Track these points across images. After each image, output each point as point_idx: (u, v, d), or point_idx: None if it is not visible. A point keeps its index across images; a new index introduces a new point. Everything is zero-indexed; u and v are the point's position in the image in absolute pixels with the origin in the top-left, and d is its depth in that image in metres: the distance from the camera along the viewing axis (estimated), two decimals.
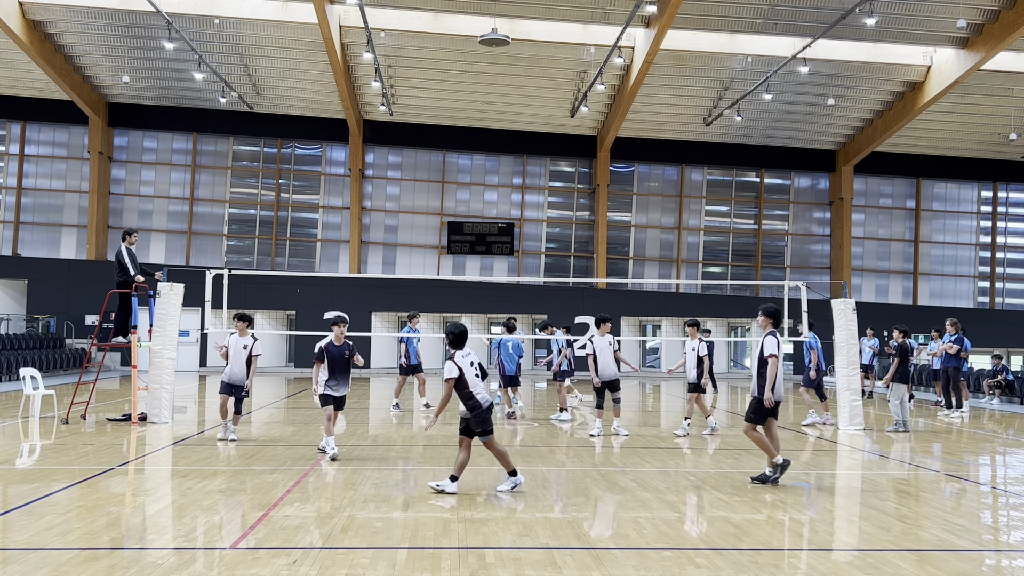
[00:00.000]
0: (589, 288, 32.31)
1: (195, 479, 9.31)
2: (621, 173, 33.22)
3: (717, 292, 33.66)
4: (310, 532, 7.04)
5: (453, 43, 26.10)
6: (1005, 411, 19.68)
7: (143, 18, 24.97)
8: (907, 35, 25.11)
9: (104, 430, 13.34)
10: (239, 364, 12.08)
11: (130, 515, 7.74)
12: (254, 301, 29.43)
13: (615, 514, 7.94)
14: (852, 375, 14.85)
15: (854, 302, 15.22)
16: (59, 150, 31.70)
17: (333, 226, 32.48)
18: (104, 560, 6.18)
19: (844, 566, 6.35)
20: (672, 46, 25.36)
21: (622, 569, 6.13)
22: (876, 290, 34.17)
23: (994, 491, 9.91)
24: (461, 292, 30.81)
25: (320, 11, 22.93)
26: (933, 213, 34.62)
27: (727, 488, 9.23)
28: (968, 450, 13.03)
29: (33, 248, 31.24)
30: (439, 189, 32.52)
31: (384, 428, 14.69)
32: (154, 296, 14.66)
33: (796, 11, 23.85)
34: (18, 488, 8.74)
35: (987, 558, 6.72)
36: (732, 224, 33.99)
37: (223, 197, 32.12)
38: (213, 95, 29.47)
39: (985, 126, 31.14)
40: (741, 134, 31.96)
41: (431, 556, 6.38)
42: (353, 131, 30.88)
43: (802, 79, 26.94)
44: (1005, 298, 34.93)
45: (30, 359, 24.15)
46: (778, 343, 9.72)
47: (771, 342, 9.69)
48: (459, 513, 7.81)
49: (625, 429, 13.77)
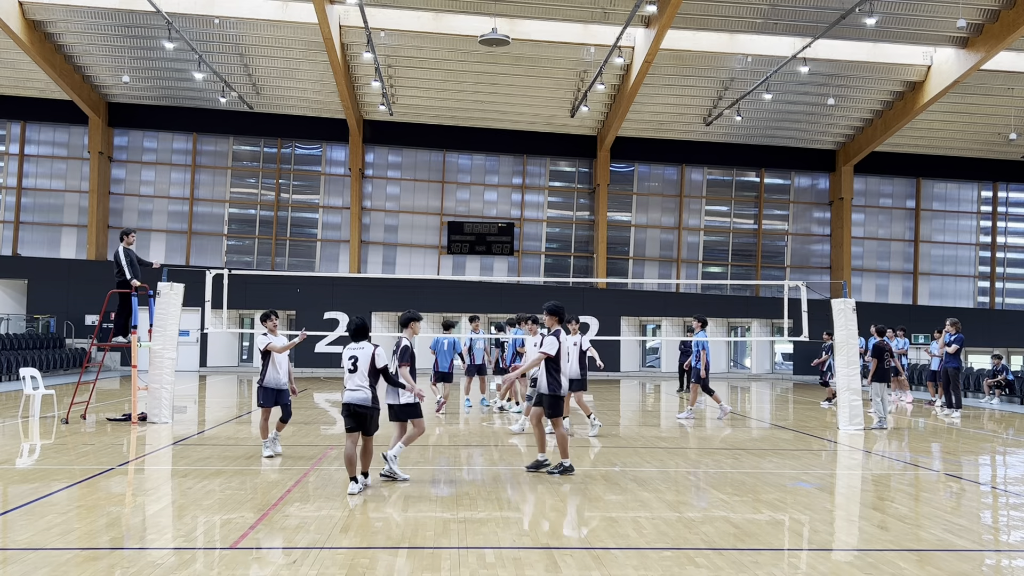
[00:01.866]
0: (589, 288, 32.31)
1: (195, 479, 9.31)
2: (621, 173, 33.22)
3: (717, 292, 33.66)
4: (310, 532, 7.04)
5: (453, 43, 26.10)
6: (1005, 411, 19.69)
7: (143, 18, 24.96)
8: (907, 35, 25.10)
9: (104, 430, 13.34)
10: (285, 366, 10.98)
11: (130, 515, 7.74)
12: (254, 301, 29.41)
13: (615, 514, 7.94)
14: (852, 375, 14.85)
15: (854, 302, 15.22)
16: (59, 150, 31.70)
17: (333, 226, 32.49)
18: (104, 560, 6.18)
19: (844, 566, 6.35)
20: (672, 46, 25.35)
21: (622, 569, 6.13)
22: (876, 290, 34.17)
23: (994, 491, 9.91)
24: (461, 292, 30.81)
25: (320, 11, 22.92)
26: (933, 213, 34.62)
27: (727, 488, 9.23)
28: (968, 450, 13.03)
29: (33, 248, 31.23)
30: (439, 189, 32.52)
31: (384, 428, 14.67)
32: (154, 296, 14.65)
33: (796, 11, 23.85)
34: (18, 488, 8.74)
35: (987, 558, 6.72)
36: (732, 224, 33.99)
37: (223, 197, 32.12)
38: (213, 95, 29.47)
39: (985, 126, 31.13)
40: (741, 134, 31.96)
41: (431, 556, 6.38)
42: (353, 131, 30.88)
43: (802, 79, 26.93)
44: (1005, 298, 34.92)
45: (30, 359, 24.16)
46: (559, 344, 9.84)
47: (551, 342, 9.82)
48: (459, 513, 7.81)
49: (599, 421, 13.92)
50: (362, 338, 8.95)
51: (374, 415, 8.84)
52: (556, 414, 9.87)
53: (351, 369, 8.77)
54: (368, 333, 9.07)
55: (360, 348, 8.85)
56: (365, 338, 8.97)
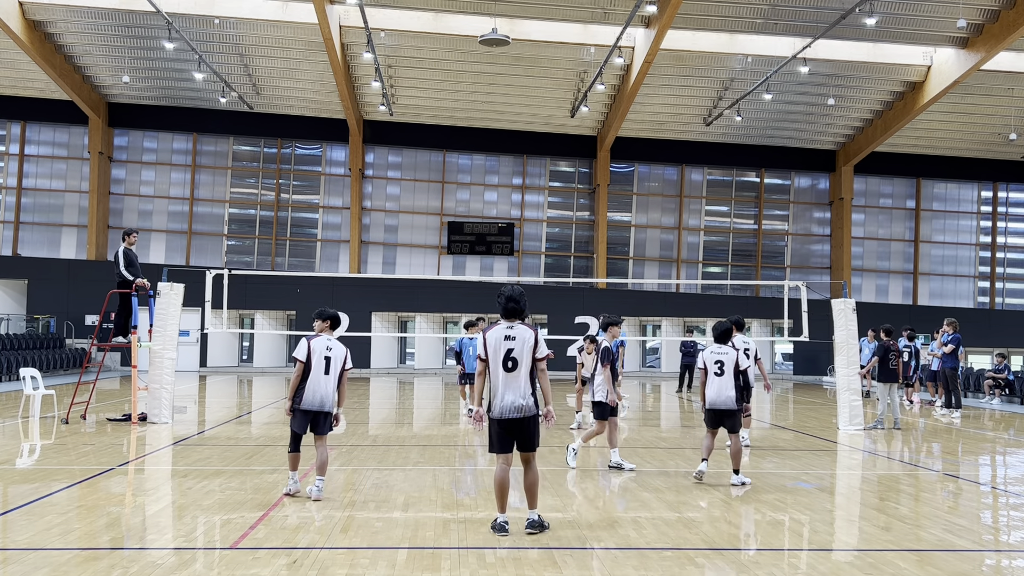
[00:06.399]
0: (589, 288, 32.31)
1: (195, 479, 9.31)
2: (621, 173, 33.22)
3: (717, 292, 33.66)
4: (310, 532, 7.04)
5: (453, 43, 26.09)
6: (1005, 411, 19.68)
7: (143, 18, 24.97)
8: (907, 35, 25.10)
9: (104, 430, 13.34)
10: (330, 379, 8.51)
11: (130, 515, 7.74)
12: (254, 301, 29.45)
13: (615, 514, 7.94)
14: (852, 375, 14.86)
15: (854, 302, 15.22)
16: (59, 150, 31.70)
17: (333, 226, 32.49)
18: (104, 560, 6.18)
19: (844, 566, 6.35)
20: (672, 46, 25.35)
21: (622, 569, 6.13)
22: (876, 290, 34.17)
23: (994, 491, 9.91)
24: (461, 292, 30.81)
25: (320, 11, 22.92)
26: (933, 213, 34.62)
27: (727, 488, 9.23)
28: (968, 450, 13.03)
29: (33, 248, 31.23)
30: (439, 189, 32.52)
31: (384, 428, 14.69)
32: (154, 296, 14.65)
33: (796, 11, 23.84)
34: (18, 488, 8.74)
35: (987, 558, 6.72)
36: (732, 224, 33.99)
37: (223, 197, 32.12)
38: (213, 95, 29.47)
39: (985, 126, 31.13)
40: (741, 134, 31.96)
41: (431, 556, 6.38)
42: (353, 131, 30.88)
43: (802, 79, 26.93)
44: (1005, 298, 34.92)
45: (30, 359, 24.15)
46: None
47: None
48: (459, 513, 7.81)
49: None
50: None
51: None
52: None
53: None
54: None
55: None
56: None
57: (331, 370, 8.32)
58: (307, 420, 8.29)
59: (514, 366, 6.93)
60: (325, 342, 8.39)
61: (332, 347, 8.38)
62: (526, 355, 6.95)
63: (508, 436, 6.97)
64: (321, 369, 8.27)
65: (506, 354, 6.94)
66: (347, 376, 8.51)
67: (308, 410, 8.26)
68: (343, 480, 9.39)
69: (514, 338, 6.98)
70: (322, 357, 8.29)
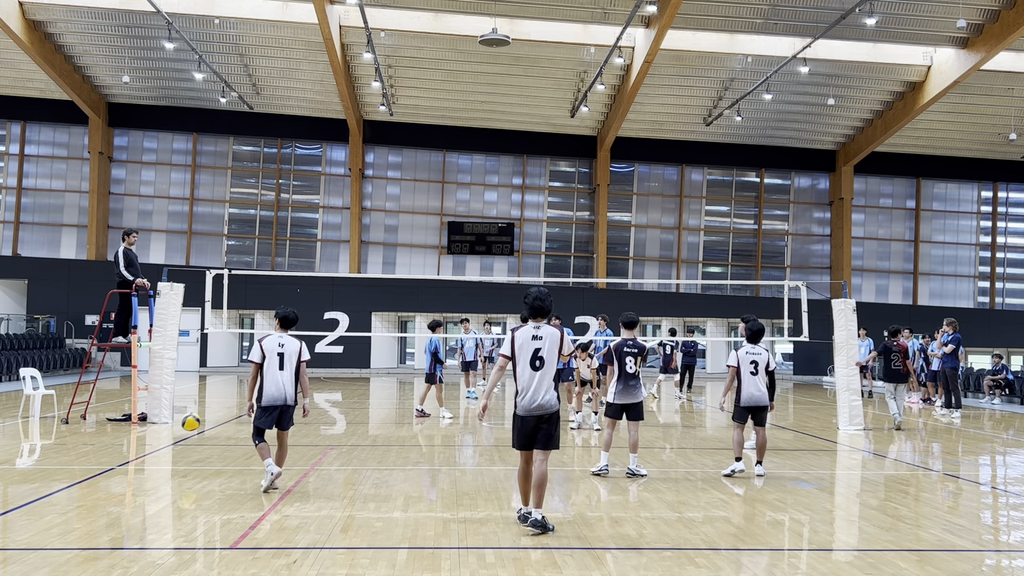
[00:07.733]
0: (589, 288, 32.30)
1: (195, 479, 9.31)
2: (621, 173, 33.22)
3: (717, 292, 33.66)
4: (310, 532, 7.04)
5: (453, 43, 26.09)
6: (1005, 411, 19.68)
7: (143, 18, 24.96)
8: (907, 35, 25.10)
9: (104, 430, 13.34)
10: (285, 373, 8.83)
11: (130, 515, 7.74)
12: (254, 301, 29.42)
13: (615, 514, 7.94)
14: (852, 375, 14.86)
15: (854, 302, 15.22)
16: (59, 150, 31.69)
17: (333, 226, 32.49)
18: (104, 560, 6.18)
19: (844, 566, 6.35)
20: (672, 46, 25.35)
21: (622, 569, 6.13)
22: (876, 290, 34.17)
23: (994, 491, 9.91)
24: (461, 292, 30.81)
25: (320, 11, 22.92)
26: (933, 213, 34.62)
27: (727, 488, 9.23)
28: (968, 450, 13.03)
29: (33, 248, 31.23)
30: (439, 189, 32.52)
31: (384, 428, 14.69)
32: (154, 296, 14.65)
33: (796, 11, 23.84)
34: (18, 488, 8.74)
35: (987, 558, 6.72)
36: (732, 224, 33.98)
37: (223, 197, 32.12)
38: (213, 95, 29.47)
39: (985, 126, 31.13)
40: (741, 134, 31.96)
41: (431, 556, 6.38)
42: (353, 131, 30.88)
43: (802, 79, 26.93)
44: (1005, 298, 34.92)
45: (30, 359, 24.15)
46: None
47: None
48: (459, 513, 7.81)
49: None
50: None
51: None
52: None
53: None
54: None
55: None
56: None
57: (285, 365, 8.70)
58: (272, 416, 8.65)
59: (541, 365, 7.16)
60: (276, 339, 8.77)
61: (284, 343, 8.76)
62: (553, 354, 7.19)
63: (532, 433, 7.15)
64: (275, 365, 8.67)
65: (533, 353, 7.17)
66: (305, 368, 8.84)
67: (270, 405, 8.63)
68: (343, 480, 9.39)
69: (541, 337, 7.22)
70: (275, 354, 8.67)
